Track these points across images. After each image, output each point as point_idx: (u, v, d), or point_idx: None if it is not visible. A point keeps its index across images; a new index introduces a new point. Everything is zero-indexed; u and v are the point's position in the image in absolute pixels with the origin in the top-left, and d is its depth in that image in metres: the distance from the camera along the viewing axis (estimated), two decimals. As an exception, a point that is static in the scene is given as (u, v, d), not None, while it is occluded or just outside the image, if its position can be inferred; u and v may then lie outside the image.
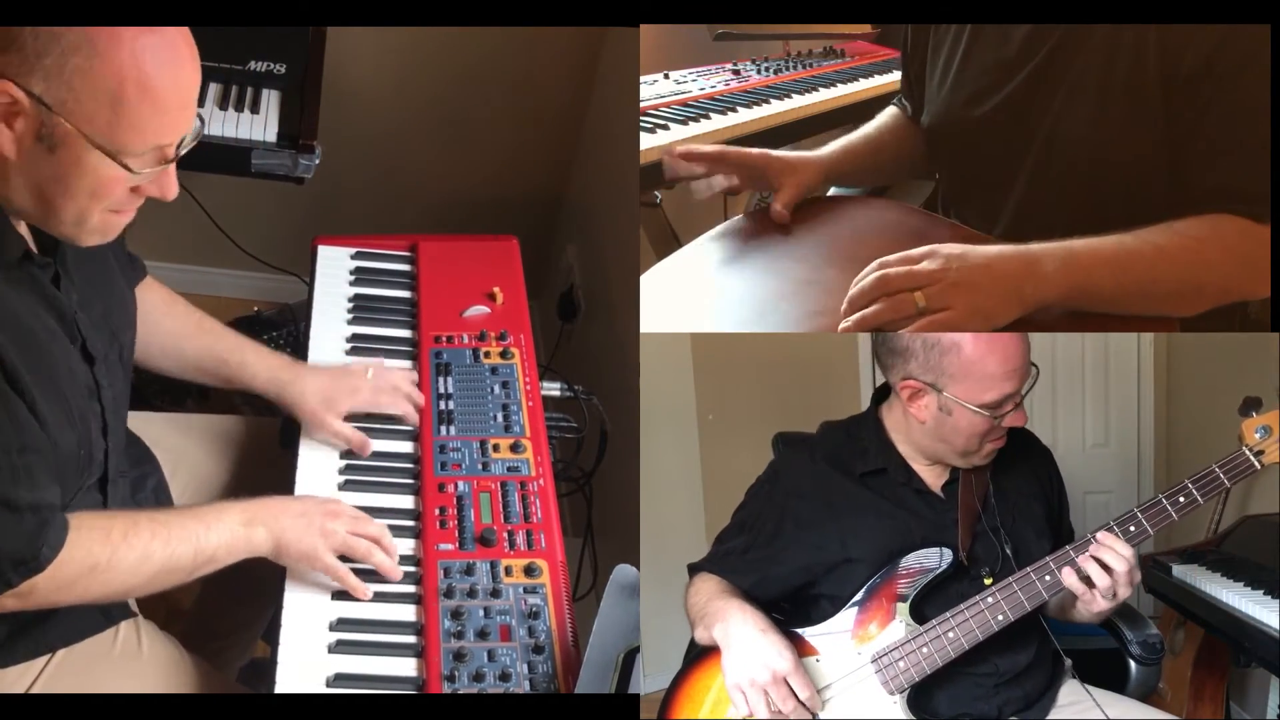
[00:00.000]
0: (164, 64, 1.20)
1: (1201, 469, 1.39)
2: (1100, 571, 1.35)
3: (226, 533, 1.42)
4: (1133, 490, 2.83)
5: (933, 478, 1.48)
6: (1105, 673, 1.66)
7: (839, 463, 1.50)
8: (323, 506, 1.51)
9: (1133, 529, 1.38)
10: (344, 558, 1.50)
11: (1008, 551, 1.44)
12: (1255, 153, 1.32)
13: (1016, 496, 1.49)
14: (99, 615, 1.52)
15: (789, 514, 1.49)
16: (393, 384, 1.74)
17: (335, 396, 1.69)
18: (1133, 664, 1.71)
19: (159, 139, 1.24)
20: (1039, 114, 1.50)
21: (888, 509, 1.46)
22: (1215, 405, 2.51)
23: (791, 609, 1.49)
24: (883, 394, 1.52)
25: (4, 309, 1.26)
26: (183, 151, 1.28)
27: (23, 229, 1.31)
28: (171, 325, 1.70)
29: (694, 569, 1.54)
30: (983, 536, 1.46)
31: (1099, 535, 1.37)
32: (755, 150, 1.66)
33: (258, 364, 1.71)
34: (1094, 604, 1.38)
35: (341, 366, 1.79)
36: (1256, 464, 1.38)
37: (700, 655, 1.44)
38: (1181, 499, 1.38)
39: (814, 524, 1.48)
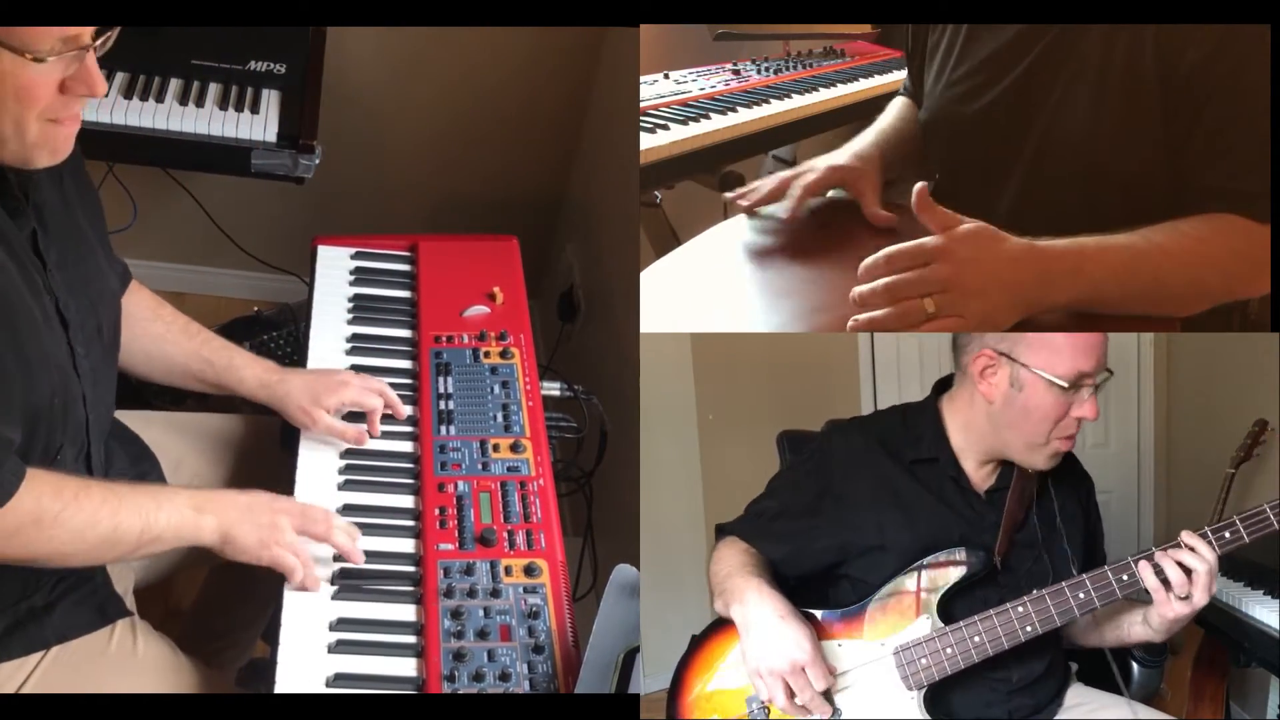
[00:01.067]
0: None
1: (1252, 509, 1.35)
2: (1178, 570, 1.33)
3: (176, 515, 1.41)
4: (1133, 490, 2.83)
5: (980, 479, 1.46)
6: (1107, 674, 1.65)
7: (890, 447, 1.47)
8: (271, 504, 1.49)
9: (1228, 535, 1.35)
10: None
11: (1073, 569, 1.42)
12: (1255, 152, 1.32)
13: (1059, 516, 1.47)
14: (95, 613, 1.52)
15: (831, 492, 1.47)
16: (378, 387, 1.74)
17: (321, 392, 1.69)
18: (1135, 666, 1.71)
19: (63, 29, 1.22)
20: (1034, 110, 1.49)
21: (930, 502, 1.44)
22: (1215, 405, 2.51)
23: (813, 587, 1.47)
24: (943, 385, 1.50)
25: None
26: (99, 43, 1.25)
27: None
28: (158, 329, 1.70)
29: (722, 530, 1.52)
30: (1020, 547, 1.44)
31: (1183, 535, 1.35)
32: (824, 169, 1.65)
33: (245, 367, 1.72)
34: (1167, 607, 1.35)
35: (326, 368, 1.80)
36: None
37: (718, 626, 1.43)
38: (1227, 534, 1.34)
39: (854, 504, 1.45)
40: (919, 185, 1.31)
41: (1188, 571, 1.33)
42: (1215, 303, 1.37)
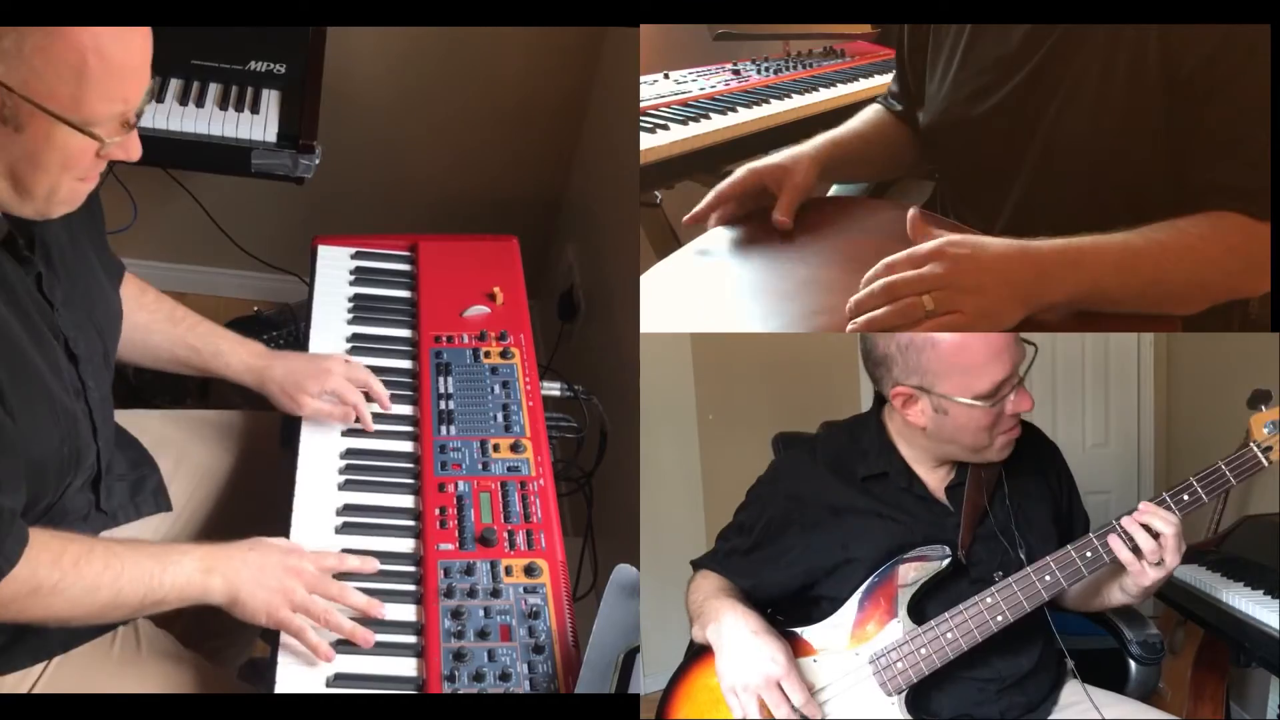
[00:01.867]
0: (118, 31, 1.21)
1: (1206, 467, 1.37)
2: (1147, 536, 1.34)
3: (182, 576, 1.38)
4: (1133, 490, 2.83)
5: (936, 481, 1.47)
6: (1105, 673, 1.66)
7: (839, 466, 1.49)
8: (284, 560, 1.45)
9: (1186, 497, 1.37)
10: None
11: (1021, 555, 1.42)
12: (1255, 151, 1.33)
13: (1021, 499, 1.48)
14: None
15: (791, 516, 1.49)
16: (364, 379, 1.75)
17: (304, 379, 1.70)
18: (1133, 664, 1.70)
19: (124, 105, 1.25)
20: (1038, 113, 1.50)
21: (888, 512, 1.45)
22: (1215, 405, 2.51)
23: (791, 610, 1.48)
24: (885, 396, 1.51)
25: None
26: (142, 111, 1.28)
27: None
28: (144, 318, 1.69)
29: (696, 565, 1.54)
30: (986, 539, 1.45)
31: (1141, 505, 1.36)
32: (741, 173, 1.64)
33: (231, 353, 1.72)
34: (1143, 575, 1.36)
35: (315, 354, 1.80)
36: (1264, 461, 1.35)
37: (699, 654, 1.44)
38: (1185, 497, 1.37)
39: (815, 526, 1.47)
40: (911, 213, 1.33)
41: (1155, 536, 1.34)
42: (1215, 301, 1.37)
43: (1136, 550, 1.36)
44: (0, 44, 1.15)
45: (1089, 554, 1.38)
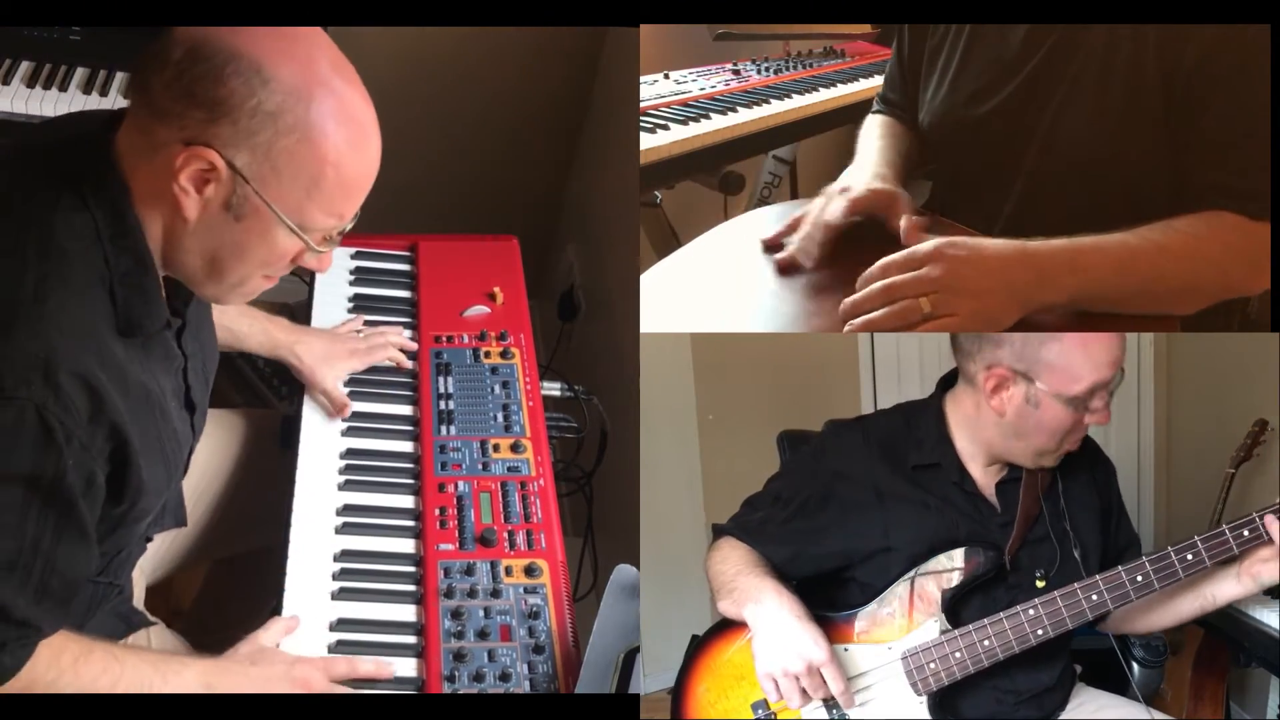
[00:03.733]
0: (361, 154, 1.22)
1: None
2: None
3: (183, 690, 1.34)
4: (1133, 490, 2.82)
5: (986, 479, 1.44)
6: (1108, 674, 1.66)
7: (891, 451, 1.45)
8: (290, 673, 1.39)
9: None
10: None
11: (1076, 555, 1.41)
12: (1254, 151, 1.33)
13: (1073, 507, 1.45)
14: (121, 625, 1.52)
15: (834, 494, 1.45)
16: (383, 341, 1.80)
17: (334, 357, 1.76)
18: (1135, 666, 1.71)
19: (338, 221, 1.26)
20: (1037, 113, 1.50)
21: (935, 504, 1.41)
22: (1215, 405, 2.51)
23: (820, 590, 1.45)
24: (948, 382, 1.47)
25: (135, 394, 1.22)
26: (345, 231, 1.29)
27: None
28: None
29: (720, 531, 1.49)
30: (1032, 543, 1.42)
31: (1269, 517, 1.34)
32: (844, 203, 1.52)
33: (262, 331, 1.75)
34: None
35: (334, 331, 1.84)
36: None
37: (720, 629, 1.42)
38: None
39: (858, 508, 1.43)
40: (904, 221, 1.31)
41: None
42: (1212, 300, 1.37)
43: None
44: (254, 139, 1.15)
45: (1139, 577, 1.36)
